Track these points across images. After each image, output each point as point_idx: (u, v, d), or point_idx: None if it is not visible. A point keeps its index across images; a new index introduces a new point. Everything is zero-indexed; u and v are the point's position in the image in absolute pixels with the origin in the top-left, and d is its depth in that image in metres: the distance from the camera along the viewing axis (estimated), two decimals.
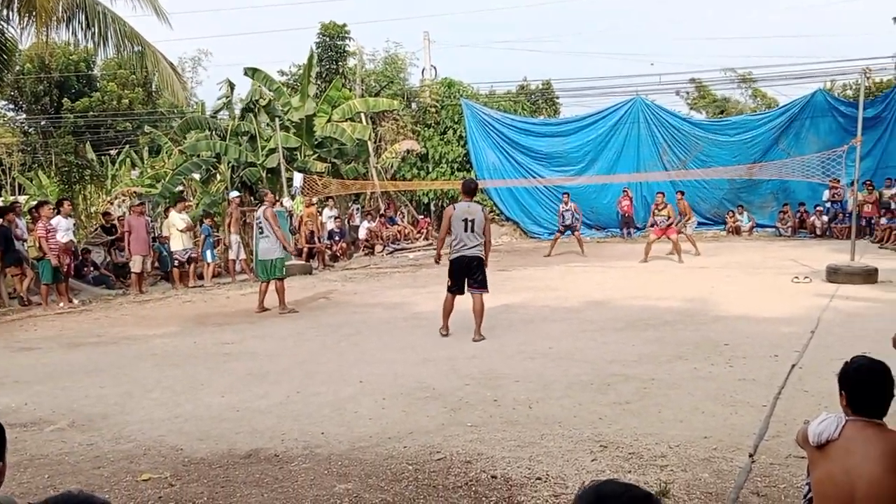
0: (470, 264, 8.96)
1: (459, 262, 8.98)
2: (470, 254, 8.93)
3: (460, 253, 8.94)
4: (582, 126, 25.20)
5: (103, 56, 15.69)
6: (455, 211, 8.98)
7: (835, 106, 22.96)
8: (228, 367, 7.88)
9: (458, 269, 9.00)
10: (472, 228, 8.87)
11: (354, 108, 22.95)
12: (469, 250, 8.92)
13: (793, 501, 3.98)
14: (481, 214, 8.99)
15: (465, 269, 8.98)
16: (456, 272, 9.02)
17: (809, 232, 22.12)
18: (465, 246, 8.91)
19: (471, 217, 8.88)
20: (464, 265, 8.96)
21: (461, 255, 8.94)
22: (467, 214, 8.90)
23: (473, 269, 8.99)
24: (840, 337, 8.13)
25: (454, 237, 8.99)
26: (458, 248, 8.96)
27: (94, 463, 5.06)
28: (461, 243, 8.92)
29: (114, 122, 31.30)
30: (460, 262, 8.97)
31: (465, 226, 8.87)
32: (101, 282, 15.97)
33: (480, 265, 9.03)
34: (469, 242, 8.91)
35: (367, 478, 4.59)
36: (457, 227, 8.92)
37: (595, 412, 5.76)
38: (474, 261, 8.96)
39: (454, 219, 8.94)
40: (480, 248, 9.00)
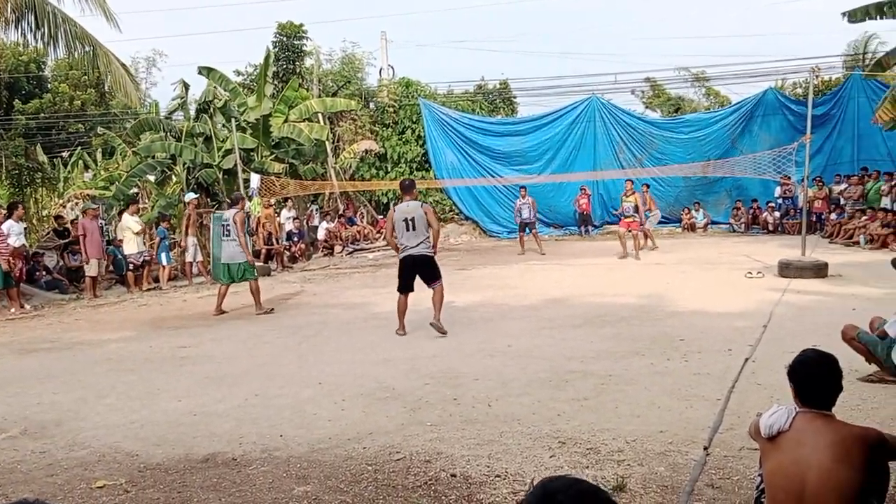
0: (416, 263, 9.19)
1: (406, 262, 9.22)
2: (416, 253, 9.15)
3: (406, 253, 9.17)
4: (539, 125, 25.37)
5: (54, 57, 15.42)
6: (395, 213, 9.26)
7: (785, 104, 23.47)
8: (185, 370, 7.79)
9: (406, 269, 9.24)
10: (413, 227, 9.08)
11: (312, 109, 22.80)
12: (414, 249, 9.14)
13: (746, 493, 4.06)
14: (420, 211, 9.16)
15: (413, 268, 9.22)
16: (404, 272, 9.25)
17: (762, 228, 22.55)
18: (409, 246, 9.14)
19: (410, 216, 9.10)
20: (410, 264, 9.20)
21: (407, 255, 9.18)
22: (406, 214, 9.13)
23: (422, 267, 9.23)
24: (791, 330, 8.31)
25: (399, 238, 9.21)
26: (403, 249, 9.19)
27: (48, 471, 4.97)
28: (405, 243, 9.15)
29: (66, 124, 30.66)
30: (407, 261, 9.21)
31: (406, 226, 9.10)
32: (53, 286, 15.65)
33: (428, 262, 9.25)
34: (412, 242, 9.12)
35: (326, 479, 4.57)
36: (399, 228, 9.15)
37: (553, 409, 5.81)
38: (421, 259, 9.18)
39: (396, 220, 9.21)
40: (426, 245, 9.20)
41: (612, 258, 16.70)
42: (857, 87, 22.18)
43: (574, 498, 1.65)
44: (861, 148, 22.55)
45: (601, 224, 24.93)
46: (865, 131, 21.70)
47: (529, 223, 19.14)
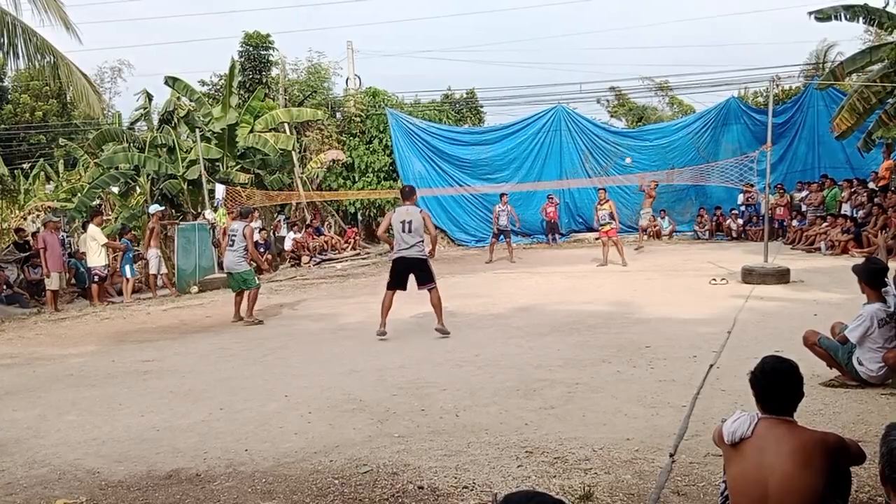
0: (410, 265, 9.58)
1: (400, 262, 9.61)
2: (410, 255, 9.56)
3: (401, 254, 9.59)
4: (506, 134, 25.51)
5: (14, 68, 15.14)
6: (395, 214, 9.76)
7: (747, 112, 23.87)
8: (148, 385, 7.66)
9: (399, 269, 9.62)
10: (409, 229, 9.50)
11: (278, 118, 22.71)
12: (409, 251, 9.54)
13: (711, 499, 4.08)
14: (419, 216, 9.63)
15: (406, 269, 9.59)
16: (397, 271, 9.62)
17: (726, 235, 22.87)
18: (404, 247, 9.56)
19: (408, 219, 9.55)
20: (404, 265, 9.57)
21: (402, 256, 9.59)
22: (405, 217, 9.59)
23: (415, 268, 9.59)
24: (755, 336, 8.41)
25: (395, 238, 9.72)
26: (398, 249, 9.63)
27: (6, 490, 4.85)
28: (401, 244, 9.59)
29: (27, 135, 30.19)
30: (401, 262, 9.60)
31: (402, 227, 9.55)
32: (14, 300, 15.36)
33: (422, 264, 9.62)
34: (408, 242, 9.54)
35: (291, 494, 4.52)
36: (395, 228, 9.63)
37: (521, 418, 5.80)
38: (414, 261, 9.57)
39: (394, 221, 9.67)
40: (420, 248, 9.59)
41: (579, 266, 16.81)
42: (817, 96, 22.61)
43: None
44: (821, 155, 23.00)
45: (568, 232, 25.08)
46: (825, 139, 22.11)
47: (505, 231, 19.19)
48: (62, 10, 13.24)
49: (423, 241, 9.61)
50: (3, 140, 29.88)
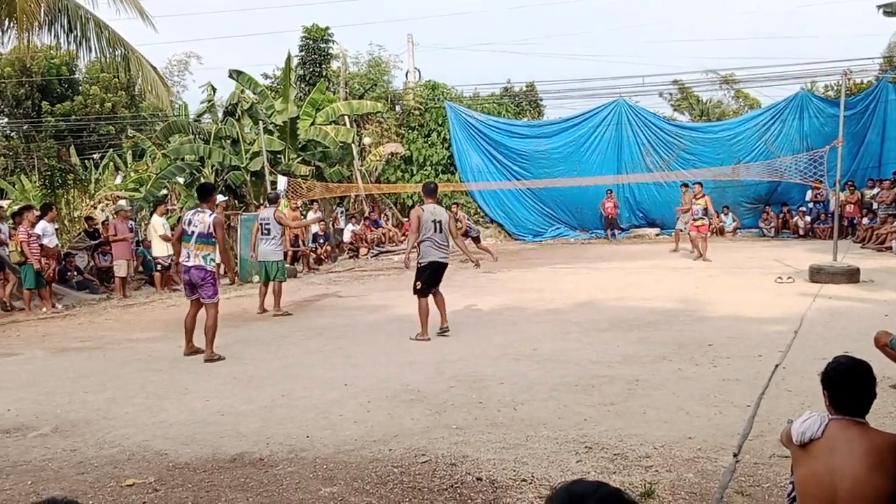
0: (442, 270, 9.25)
1: (433, 267, 9.13)
2: (443, 260, 9.20)
3: (433, 258, 9.10)
4: (565, 128, 25.28)
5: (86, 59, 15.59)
6: (424, 213, 9.14)
7: (817, 105, 23.15)
8: (212, 371, 7.84)
9: (431, 273, 9.14)
10: (440, 229, 9.10)
11: (338, 111, 22.92)
12: (442, 254, 9.16)
13: (776, 500, 4.01)
14: (446, 216, 9.27)
15: (437, 273, 9.20)
16: (429, 275, 9.13)
17: (792, 232, 22.31)
18: (438, 247, 9.10)
19: (438, 218, 9.12)
20: (437, 270, 9.17)
21: (435, 261, 9.11)
22: (435, 216, 9.12)
23: (442, 273, 9.29)
24: (823, 336, 8.20)
25: (425, 239, 9.10)
26: (434, 253, 9.11)
27: (78, 469, 5.02)
28: (433, 245, 9.09)
29: (97, 126, 31.08)
30: (433, 266, 9.13)
31: (434, 227, 9.07)
32: (84, 286, 15.85)
33: (444, 271, 9.35)
34: (442, 245, 9.13)
35: (352, 481, 4.58)
36: (427, 227, 9.07)
37: (580, 413, 5.77)
38: (444, 266, 9.27)
39: (424, 220, 9.10)
40: (447, 251, 9.27)
41: (639, 261, 16.61)
42: (890, 90, 21.85)
43: (602, 500, 1.63)
44: (894, 151, 22.18)
45: (628, 227, 24.77)
46: None
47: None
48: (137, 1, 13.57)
49: (448, 245, 9.28)
50: (75, 131, 30.82)
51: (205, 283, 8.56)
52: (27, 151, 28.53)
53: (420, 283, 9.11)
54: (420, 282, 9.11)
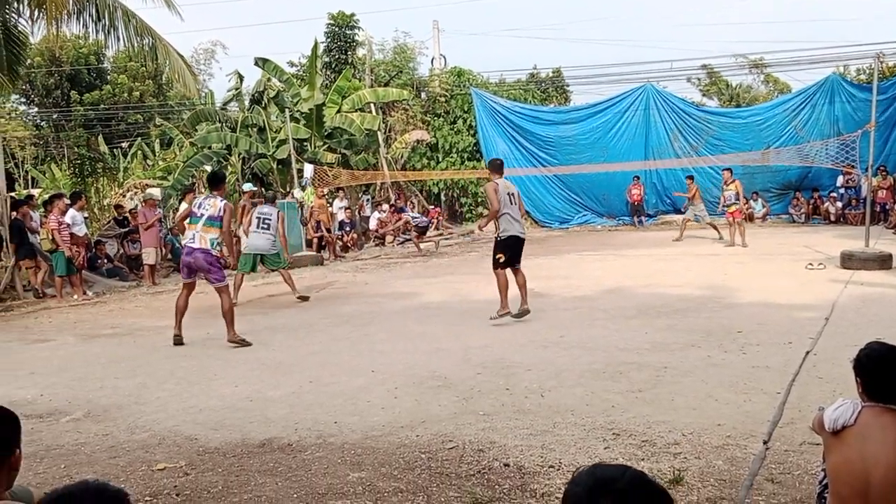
0: (522, 245, 9.22)
1: (514, 240, 9.10)
2: (522, 234, 9.23)
3: (514, 232, 9.08)
4: (592, 113, 25.11)
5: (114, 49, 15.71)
6: (499, 185, 9.06)
7: (848, 90, 22.75)
8: (241, 357, 7.91)
9: (512, 246, 9.10)
10: (514, 202, 9.12)
11: (364, 99, 22.95)
12: (520, 230, 9.17)
13: (807, 488, 3.96)
14: (517, 190, 9.28)
15: (518, 247, 9.16)
16: (510, 248, 9.09)
17: (823, 218, 22.02)
18: (515, 221, 9.08)
19: (512, 191, 9.15)
20: (518, 243, 9.14)
21: (514, 235, 9.08)
22: (509, 189, 9.14)
23: (521, 250, 9.25)
24: (854, 323, 8.09)
25: (504, 213, 9.03)
26: (512, 227, 9.07)
27: (110, 453, 5.10)
28: (513, 219, 9.06)
29: (125, 115, 31.39)
30: (515, 240, 9.10)
31: (510, 199, 9.08)
32: (114, 274, 16.06)
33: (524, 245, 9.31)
34: (516, 217, 9.13)
35: (380, 466, 4.60)
36: (504, 200, 9.02)
37: (607, 400, 5.75)
38: (523, 243, 9.25)
39: (501, 192, 9.01)
40: (523, 226, 9.33)
41: (666, 248, 16.49)
42: None
43: (630, 484, 1.61)
44: None
45: (656, 214, 24.58)
46: None
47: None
48: None
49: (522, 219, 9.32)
50: (103, 120, 31.15)
51: (211, 267, 8.61)
52: (57, 140, 28.87)
53: (502, 255, 9.09)
54: (502, 255, 9.09)
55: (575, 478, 1.67)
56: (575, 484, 1.65)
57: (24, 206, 14.06)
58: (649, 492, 1.62)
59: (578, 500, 1.63)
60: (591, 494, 1.61)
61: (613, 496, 1.59)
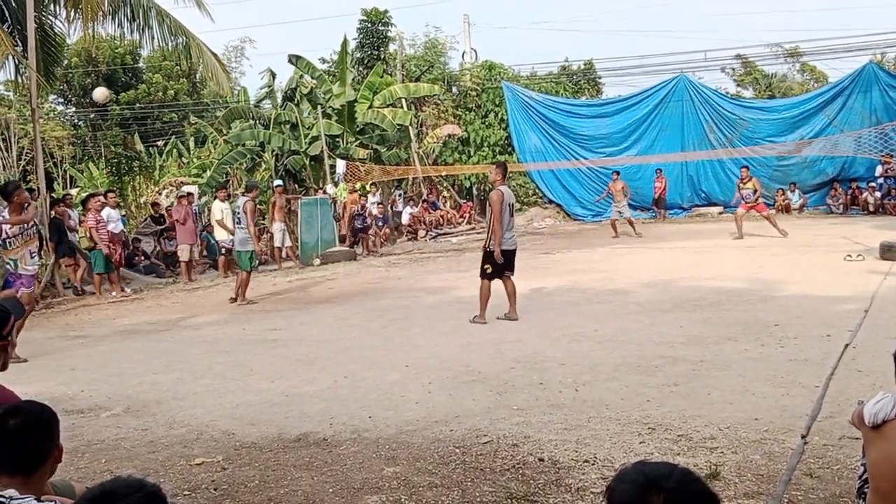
0: (512, 258, 8.98)
1: (508, 255, 8.85)
2: (512, 247, 8.95)
3: (510, 247, 8.86)
4: (625, 106, 24.91)
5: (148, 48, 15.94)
6: (505, 196, 8.75)
7: (885, 82, 22.26)
8: (277, 352, 7.99)
9: (506, 260, 8.83)
10: (512, 213, 8.91)
11: (395, 94, 22.98)
12: (514, 242, 8.95)
13: (846, 482, 3.91)
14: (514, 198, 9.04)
15: (508, 259, 8.90)
16: (505, 262, 8.84)
17: (862, 209, 21.61)
18: (509, 236, 8.82)
19: (512, 201, 8.92)
20: (511, 255, 8.91)
21: (507, 249, 8.81)
22: (511, 199, 8.91)
23: (512, 261, 9.00)
24: (894, 315, 7.94)
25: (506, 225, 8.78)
26: (509, 239, 8.85)
27: (149, 448, 5.18)
28: (509, 231, 8.83)
29: (160, 114, 31.77)
30: (508, 254, 8.84)
31: (510, 210, 8.87)
32: (151, 271, 16.29)
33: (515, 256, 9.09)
34: (512, 232, 8.89)
35: (414, 461, 4.62)
36: (506, 214, 8.75)
37: (642, 394, 5.72)
38: (514, 255, 9.02)
39: (506, 204, 8.72)
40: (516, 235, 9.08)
41: (701, 240, 16.32)
42: None
43: (680, 482, 1.60)
44: None
45: (690, 207, 24.32)
46: None
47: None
48: None
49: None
50: (139, 118, 31.56)
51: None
52: (94, 140, 29.33)
53: (490, 266, 8.85)
54: (490, 266, 8.85)
55: (621, 475, 1.67)
56: (621, 481, 1.65)
57: (61, 205, 14.31)
58: (698, 490, 1.62)
59: (626, 497, 1.63)
60: (639, 492, 1.61)
61: (665, 494, 1.58)
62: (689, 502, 1.59)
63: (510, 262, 8.93)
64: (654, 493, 1.59)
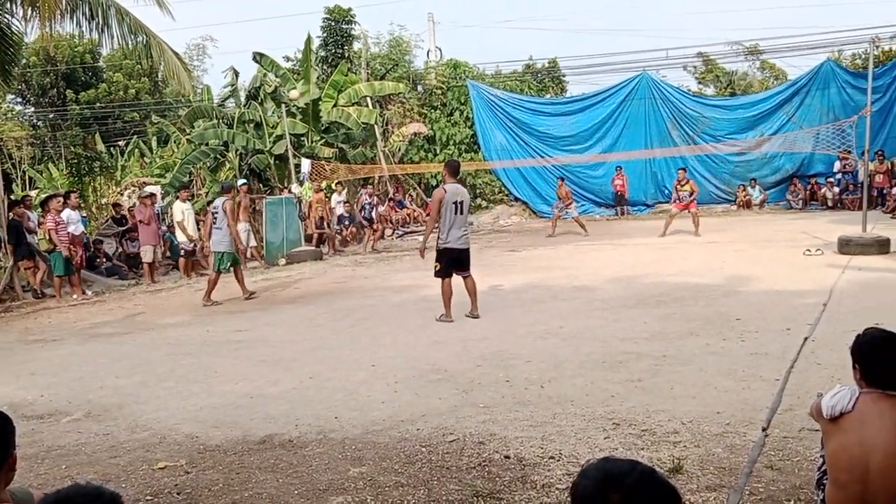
0: (461, 257, 8.92)
1: (452, 254, 8.83)
2: (461, 246, 8.87)
3: (453, 245, 8.79)
4: (589, 104, 25.04)
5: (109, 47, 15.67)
6: (447, 194, 8.75)
7: (843, 77, 22.68)
8: (241, 354, 7.92)
9: (450, 259, 8.83)
10: (461, 211, 8.79)
11: (360, 93, 22.89)
12: (460, 242, 8.83)
13: (806, 474, 3.97)
14: (467, 196, 9.00)
15: (456, 260, 8.88)
16: (448, 261, 8.83)
17: (821, 204, 21.99)
18: (457, 235, 8.77)
19: (460, 199, 8.81)
20: (455, 257, 8.86)
21: (454, 248, 8.79)
22: (457, 196, 8.79)
23: (462, 259, 8.95)
24: (853, 309, 8.09)
25: (445, 223, 8.77)
26: (450, 238, 8.78)
27: (111, 452, 5.11)
28: (453, 231, 8.77)
29: (121, 113, 31.32)
30: (452, 253, 8.83)
31: (455, 208, 8.74)
32: (113, 272, 16.05)
33: (468, 255, 9.03)
34: (459, 230, 8.79)
35: (381, 461, 4.61)
36: (448, 210, 8.73)
37: (607, 390, 5.76)
38: (464, 254, 8.95)
39: (447, 202, 8.72)
40: (468, 236, 9.01)
41: (664, 238, 16.48)
42: None
43: (639, 480, 1.62)
44: None
45: (653, 203, 24.56)
46: None
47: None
48: None
49: (469, 231, 9.02)
50: (100, 118, 31.08)
51: None
52: (54, 140, 28.83)
53: (438, 265, 8.87)
54: (439, 264, 8.87)
55: (585, 470, 1.68)
56: (584, 476, 1.67)
57: (19, 207, 14.04)
58: (658, 488, 1.64)
59: (587, 492, 1.64)
60: (600, 488, 1.62)
61: (623, 491, 1.60)
62: (647, 500, 1.61)
63: (460, 261, 8.92)
64: (613, 490, 1.60)
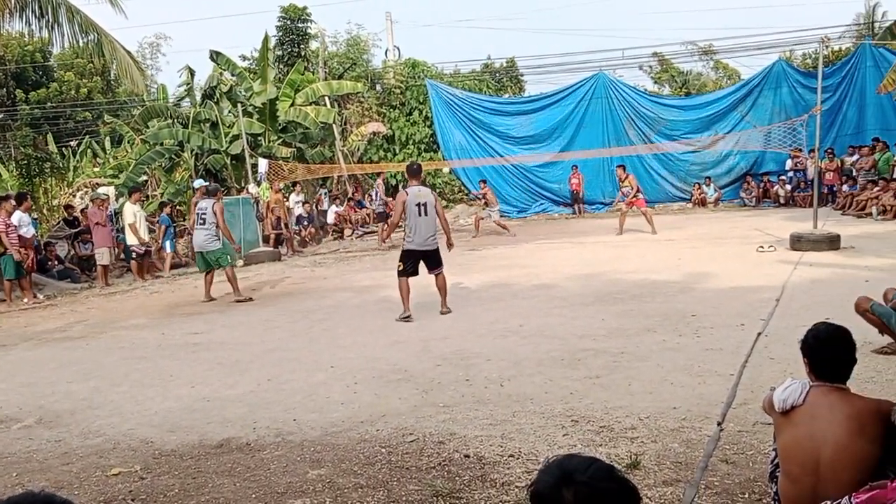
0: (426, 256, 9.02)
1: (415, 255, 8.96)
2: (427, 248, 8.96)
3: (417, 246, 8.91)
4: (547, 103, 25.17)
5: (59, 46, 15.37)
6: (408, 196, 8.89)
7: (794, 77, 23.15)
8: (198, 357, 7.81)
9: (413, 258, 8.97)
10: (425, 212, 8.87)
11: (318, 92, 22.75)
12: (425, 244, 8.92)
13: (760, 467, 4.04)
14: (431, 197, 9.05)
15: (420, 257, 9.00)
16: (410, 259, 8.96)
17: (773, 201, 22.39)
18: (421, 236, 8.87)
19: (423, 201, 8.90)
20: (419, 255, 8.98)
21: (416, 249, 8.93)
22: (419, 198, 8.89)
23: (430, 258, 9.05)
24: (804, 303, 8.26)
25: (409, 225, 8.91)
26: (414, 238, 8.90)
27: (63, 459, 5.00)
28: (417, 232, 8.88)
29: (73, 113, 30.70)
30: (416, 255, 8.96)
31: (418, 210, 8.85)
32: (65, 276, 15.71)
33: (436, 254, 9.09)
34: (424, 231, 8.88)
35: (340, 462, 4.58)
36: (411, 213, 8.86)
37: (566, 387, 5.80)
38: (430, 253, 9.03)
39: (408, 204, 8.86)
40: (435, 237, 9.04)
41: (622, 236, 16.66)
42: (867, 57, 21.86)
43: (592, 477, 1.63)
44: (873, 118, 22.24)
45: (611, 202, 24.80)
46: (877, 101, 21.39)
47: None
48: None
49: (436, 231, 9.07)
50: (51, 118, 30.41)
51: None
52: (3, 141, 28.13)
53: (402, 265, 8.99)
54: (402, 264, 8.99)
55: (545, 467, 1.71)
56: (543, 473, 1.69)
57: None
58: (612, 485, 1.65)
59: (543, 488, 1.67)
60: (555, 484, 1.64)
61: (575, 487, 1.62)
62: (599, 497, 1.62)
63: (428, 259, 9.03)
64: (566, 486, 1.62)
